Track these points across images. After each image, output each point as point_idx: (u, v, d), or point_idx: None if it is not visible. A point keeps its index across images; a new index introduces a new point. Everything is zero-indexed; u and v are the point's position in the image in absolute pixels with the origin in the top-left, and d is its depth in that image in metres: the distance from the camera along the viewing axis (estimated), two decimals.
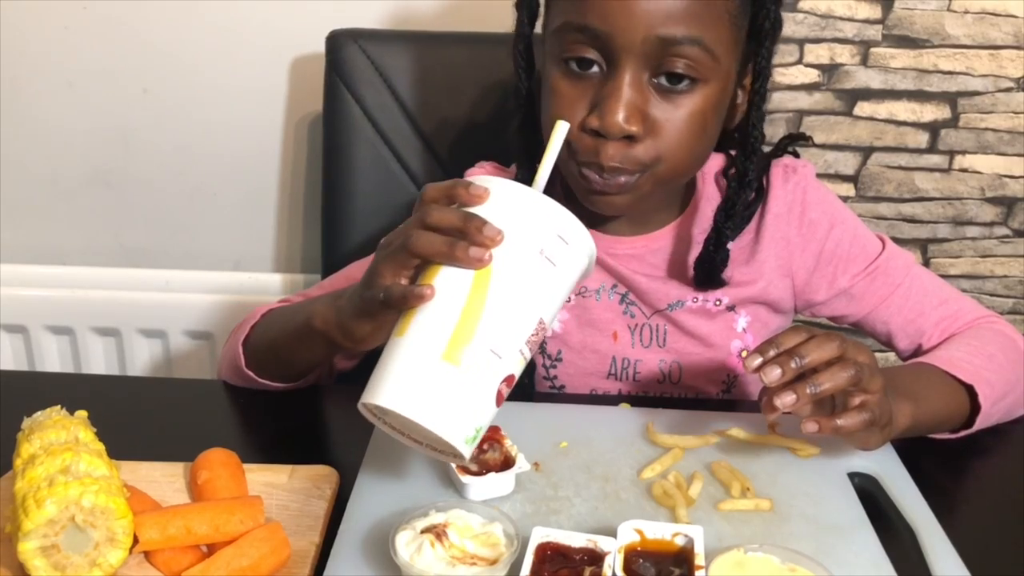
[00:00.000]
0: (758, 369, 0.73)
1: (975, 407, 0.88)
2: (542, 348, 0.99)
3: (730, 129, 0.93)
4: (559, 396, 1.00)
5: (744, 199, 0.93)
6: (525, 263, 0.67)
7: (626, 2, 0.80)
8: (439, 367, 0.64)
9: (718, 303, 0.98)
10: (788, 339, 0.74)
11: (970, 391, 0.88)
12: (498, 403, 0.67)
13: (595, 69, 0.84)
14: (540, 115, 0.92)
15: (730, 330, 0.99)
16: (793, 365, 0.72)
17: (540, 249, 0.67)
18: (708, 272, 0.94)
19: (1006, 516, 0.81)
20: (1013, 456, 0.90)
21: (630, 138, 0.84)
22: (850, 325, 1.03)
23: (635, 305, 0.98)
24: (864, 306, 0.99)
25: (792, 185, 0.97)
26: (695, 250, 0.95)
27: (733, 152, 0.94)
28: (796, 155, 1.01)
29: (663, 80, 0.83)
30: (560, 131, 0.74)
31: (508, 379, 0.66)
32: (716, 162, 0.98)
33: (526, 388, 0.97)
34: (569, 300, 0.99)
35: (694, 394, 1.00)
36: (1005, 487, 0.86)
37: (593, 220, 0.96)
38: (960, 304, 0.99)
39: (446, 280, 0.66)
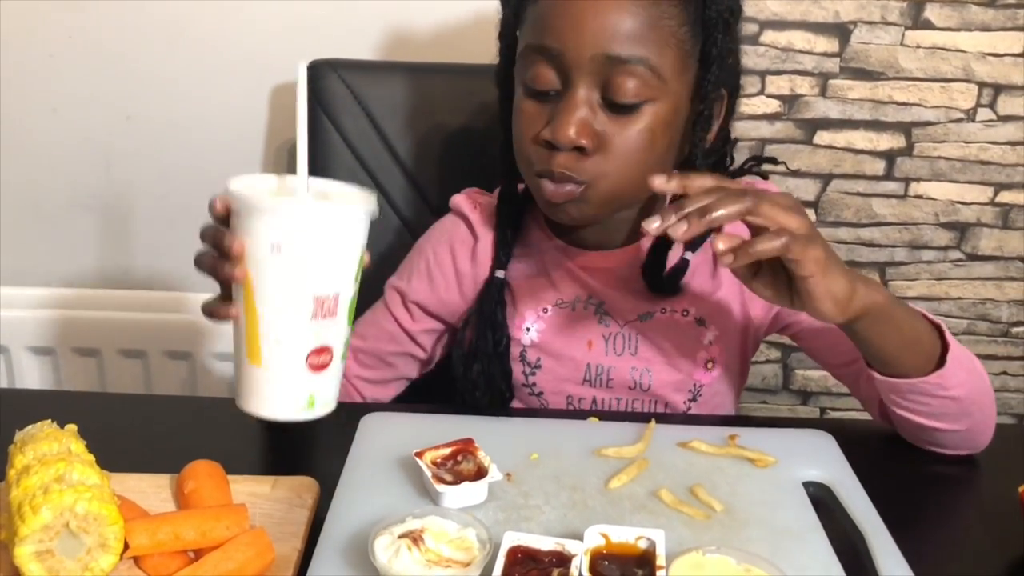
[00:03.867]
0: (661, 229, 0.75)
1: (944, 354, 0.88)
2: (522, 356, 1.03)
3: (705, 149, 0.95)
4: (529, 411, 1.03)
5: None
6: (265, 261, 0.71)
7: (577, 23, 0.87)
8: (250, 370, 0.74)
9: (685, 314, 1.02)
10: (698, 195, 0.77)
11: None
12: (315, 371, 0.74)
13: (553, 92, 0.90)
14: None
15: (697, 343, 1.02)
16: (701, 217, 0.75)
17: (273, 244, 0.71)
18: (654, 278, 0.99)
19: (950, 521, 0.86)
20: (957, 466, 0.94)
21: (581, 151, 0.89)
22: (791, 338, 1.06)
23: (608, 316, 1.03)
24: (802, 318, 1.01)
25: None
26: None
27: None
28: (764, 176, 1.05)
29: (612, 100, 0.89)
30: (300, 73, 0.76)
31: (314, 352, 0.73)
32: None
33: (504, 395, 1.02)
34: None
35: (663, 403, 1.03)
36: (949, 496, 0.91)
37: (571, 236, 1.02)
38: None
39: (236, 294, 0.74)
